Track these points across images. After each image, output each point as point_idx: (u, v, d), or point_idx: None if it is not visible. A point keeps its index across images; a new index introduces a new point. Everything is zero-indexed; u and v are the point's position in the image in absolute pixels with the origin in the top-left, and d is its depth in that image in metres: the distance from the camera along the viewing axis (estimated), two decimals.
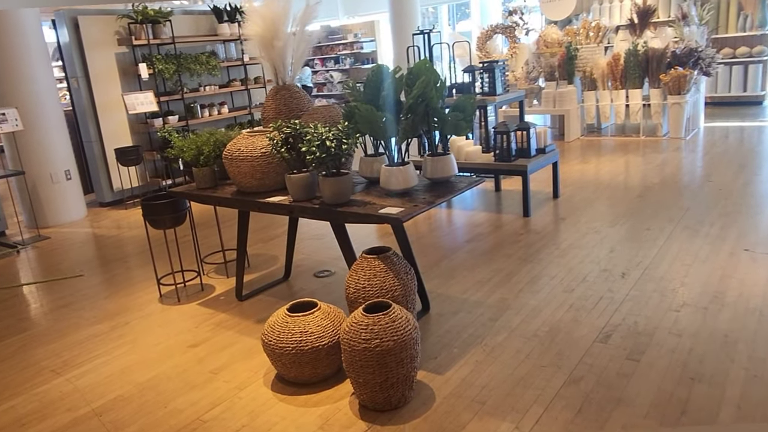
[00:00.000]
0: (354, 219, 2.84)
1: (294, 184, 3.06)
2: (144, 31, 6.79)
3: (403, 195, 3.02)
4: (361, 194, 3.13)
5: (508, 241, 4.55)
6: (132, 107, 6.54)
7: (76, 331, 3.68)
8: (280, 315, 2.83)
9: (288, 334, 2.74)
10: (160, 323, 3.69)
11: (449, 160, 3.13)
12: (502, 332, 3.15)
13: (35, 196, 6.26)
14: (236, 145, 3.36)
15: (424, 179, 3.23)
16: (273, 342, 2.76)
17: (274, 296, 3.95)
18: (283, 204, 3.11)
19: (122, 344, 3.45)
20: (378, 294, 2.77)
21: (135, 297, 4.16)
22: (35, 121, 6.13)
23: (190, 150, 3.63)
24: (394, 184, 3.00)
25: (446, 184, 3.15)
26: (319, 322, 2.77)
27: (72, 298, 4.27)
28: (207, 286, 4.25)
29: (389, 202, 2.92)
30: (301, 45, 3.54)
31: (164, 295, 4.13)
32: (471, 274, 3.97)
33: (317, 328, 2.75)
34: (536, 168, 5.18)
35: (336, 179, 2.89)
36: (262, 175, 3.31)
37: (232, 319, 3.64)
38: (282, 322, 2.79)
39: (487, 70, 5.84)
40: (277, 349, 2.73)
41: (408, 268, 2.88)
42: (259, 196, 3.32)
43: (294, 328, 2.75)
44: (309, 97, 3.72)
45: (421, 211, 2.76)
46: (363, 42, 14.55)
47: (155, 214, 3.86)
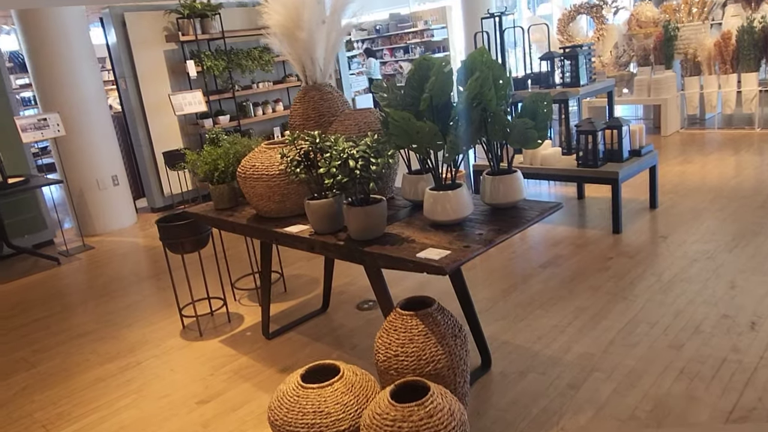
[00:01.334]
0: (384, 263, 2.16)
1: (314, 213, 2.41)
2: (191, 26, 6.37)
3: (453, 227, 2.30)
4: (400, 225, 2.43)
5: (594, 268, 3.70)
6: (179, 108, 6.15)
7: (84, 372, 3.23)
8: (292, 384, 2.20)
9: (298, 413, 2.10)
10: (174, 366, 3.17)
11: (515, 181, 2.37)
12: (586, 409, 2.37)
13: (82, 203, 6.01)
14: (250, 161, 2.75)
15: (483, 204, 2.49)
16: (280, 422, 2.13)
17: (307, 334, 3.34)
18: (302, 237, 2.47)
19: (126, 393, 2.95)
20: (415, 366, 2.07)
21: (157, 327, 3.69)
22: (81, 125, 5.85)
23: (204, 165, 3.07)
24: (441, 213, 2.28)
25: (512, 211, 2.40)
26: (340, 398, 2.11)
27: (94, 324, 3.86)
28: (235, 316, 3.71)
29: (433, 239, 2.21)
30: (332, 35, 2.88)
31: (187, 327, 3.63)
32: (546, 315, 3.18)
33: (336, 407, 2.09)
34: (629, 175, 4.27)
35: (363, 210, 2.22)
36: (281, 198, 2.69)
37: (253, 366, 3.06)
38: (293, 395, 2.15)
39: (568, 57, 4.95)
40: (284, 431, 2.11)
41: (458, 329, 2.16)
42: (279, 222, 2.70)
43: (307, 404, 2.11)
44: (344, 99, 3.06)
45: (473, 255, 2.03)
46: (434, 29, 13.75)
47: (173, 238, 3.35)
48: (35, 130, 5.30)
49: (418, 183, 2.59)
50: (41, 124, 5.33)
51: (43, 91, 5.80)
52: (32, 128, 5.28)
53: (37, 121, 5.31)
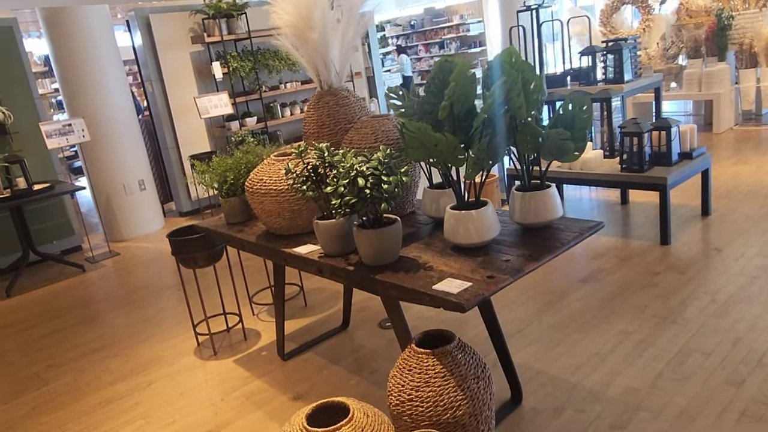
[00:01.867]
0: (398, 293, 1.91)
1: (322, 233, 2.18)
2: (217, 26, 6.23)
3: (477, 251, 2.04)
4: (419, 246, 2.18)
5: (640, 284, 3.37)
6: (204, 111, 6.02)
7: (94, 392, 3.10)
8: (296, 427, 1.98)
9: None
10: (185, 388, 3.00)
11: (549, 198, 2.09)
12: None
13: (109, 208, 5.96)
14: (258, 174, 2.54)
15: (513, 224, 2.22)
16: None
17: (325, 355, 3.12)
18: (310, 259, 2.25)
19: (133, 419, 2.79)
20: (431, 413, 1.82)
21: (171, 344, 3.54)
22: (107, 130, 5.79)
23: (213, 177, 2.88)
24: (463, 236, 2.02)
25: (545, 232, 2.12)
26: None
27: (110, 338, 3.74)
28: (252, 333, 3.52)
29: (453, 265, 1.95)
30: (348, 34, 2.64)
31: (202, 344, 3.47)
32: (585, 339, 2.88)
33: None
34: (679, 180, 3.90)
35: (374, 233, 1.98)
36: (291, 215, 2.48)
37: (266, 392, 2.86)
38: None
39: (611, 51, 4.59)
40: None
41: (482, 369, 1.90)
42: (290, 241, 2.49)
43: None
44: (363, 104, 2.82)
45: (497, 288, 1.77)
46: (470, 24, 13.37)
47: (184, 252, 3.18)
48: (60, 135, 5.24)
49: (440, 198, 2.34)
50: (66, 130, 5.27)
51: (69, 95, 5.76)
52: (57, 134, 5.23)
53: (61, 127, 5.26)
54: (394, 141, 2.45)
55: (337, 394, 2.74)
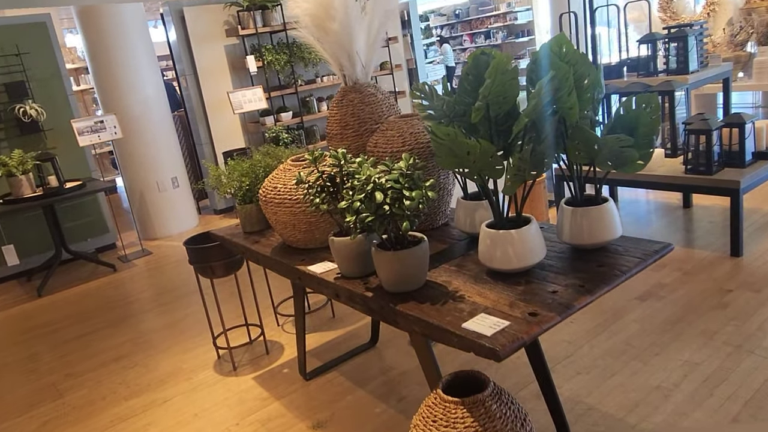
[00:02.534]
0: (421, 329, 1.62)
1: (338, 252, 1.91)
2: (252, 19, 6.03)
3: (517, 278, 1.72)
4: (450, 268, 1.88)
5: (708, 304, 2.96)
6: (238, 106, 5.84)
7: (108, 407, 2.93)
8: None
9: None
10: (200, 408, 2.80)
11: (606, 216, 1.75)
12: None
13: (143, 206, 5.87)
14: (272, 181, 2.28)
15: (560, 243, 1.89)
16: None
17: (350, 376, 2.86)
18: (326, 280, 1.98)
19: None
20: None
21: (192, 355, 3.35)
22: (140, 126, 5.68)
23: (229, 183, 2.64)
24: (500, 260, 1.71)
25: (600, 255, 1.78)
26: None
27: (132, 346, 3.58)
28: (275, 346, 3.30)
29: (489, 296, 1.64)
30: (374, 24, 2.34)
31: (222, 358, 3.26)
32: (644, 370, 2.52)
33: None
34: (754, 184, 3.45)
35: (395, 256, 1.69)
36: (308, 227, 2.21)
37: (284, 416, 2.62)
38: None
39: (675, 39, 4.13)
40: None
41: (521, 422, 1.59)
42: (307, 256, 2.23)
43: None
44: (391, 102, 2.53)
45: (542, 331, 1.45)
46: (517, 12, 12.83)
47: (202, 261, 2.97)
48: (92, 132, 5.15)
49: (475, 212, 2.02)
50: (98, 127, 5.18)
51: (103, 92, 5.68)
52: (89, 131, 5.14)
53: (93, 124, 5.16)
54: (424, 145, 2.15)
55: (360, 423, 2.47)
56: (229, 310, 3.75)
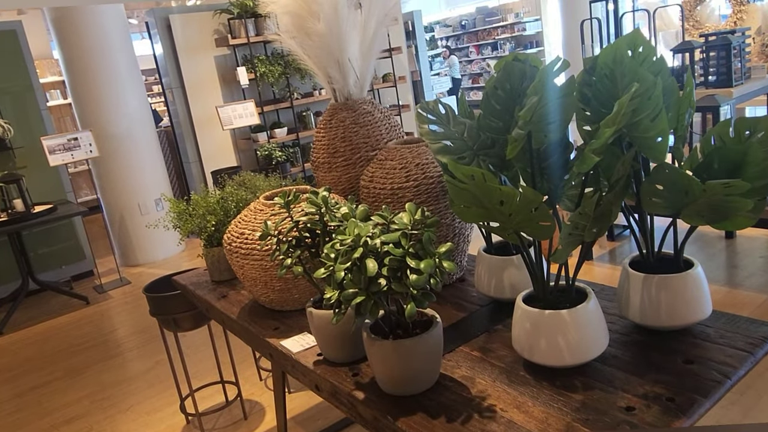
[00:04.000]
0: None
1: (319, 330, 1.40)
2: (243, 27, 5.58)
3: (569, 377, 1.21)
4: (469, 355, 1.37)
5: None
6: (228, 121, 5.37)
7: None
8: None
9: None
10: None
11: (693, 285, 1.24)
12: None
13: (123, 230, 5.38)
14: (239, 226, 1.78)
15: (624, 320, 1.38)
16: None
17: None
18: (302, 365, 1.47)
19: None
20: None
21: (158, 417, 2.84)
22: (121, 144, 5.21)
23: (191, 221, 2.14)
24: (546, 354, 1.20)
25: (683, 341, 1.27)
26: None
27: (89, 404, 3.07)
28: (255, 408, 2.78)
29: (531, 410, 1.13)
30: (371, 24, 1.86)
31: (192, 423, 2.74)
32: None
33: None
34: None
35: (393, 347, 1.18)
36: (283, 284, 1.71)
37: None
38: None
39: (715, 47, 3.64)
40: None
41: None
42: (284, 321, 1.72)
43: None
44: (393, 121, 2.03)
45: None
46: (526, 22, 12.40)
47: (163, 312, 2.46)
48: (65, 151, 4.68)
49: (503, 271, 1.52)
50: (71, 145, 4.70)
51: (81, 107, 5.22)
52: (61, 149, 4.67)
53: (66, 142, 4.69)
54: (434, 180, 1.65)
55: None
56: (203, 361, 3.25)
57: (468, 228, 1.79)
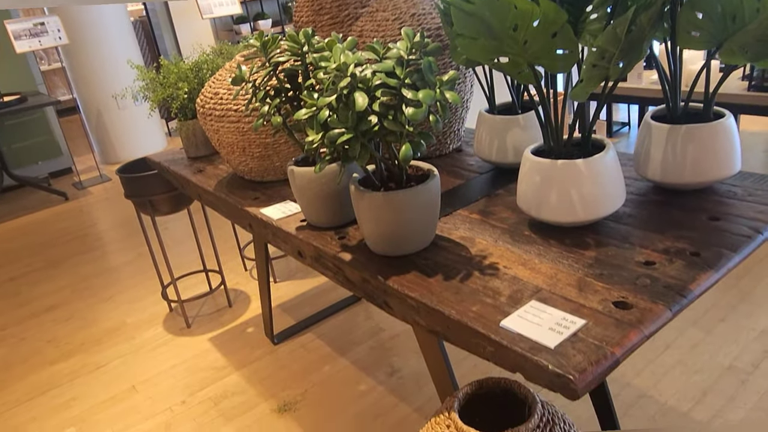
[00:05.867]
0: (428, 322, 0.99)
1: (301, 190, 1.26)
2: None
3: (582, 235, 1.08)
4: (468, 217, 1.24)
5: None
6: (207, 10, 5.00)
7: (28, 373, 2.36)
8: None
9: None
10: (140, 378, 2.23)
11: (724, 136, 1.10)
12: None
13: (101, 126, 5.13)
14: (213, 86, 1.59)
15: (640, 181, 1.25)
16: None
17: (329, 339, 2.29)
18: (284, 231, 1.34)
19: (62, 424, 2.04)
20: None
21: (139, 306, 2.76)
22: (91, 32, 4.84)
23: (162, 90, 1.94)
24: (556, 209, 1.07)
25: (707, 200, 1.14)
26: None
27: (69, 293, 2.99)
28: (240, 297, 2.71)
29: (539, 266, 1.01)
30: None
31: (175, 311, 2.67)
32: (708, 341, 1.95)
33: None
34: None
35: (388, 199, 1.04)
36: (263, 150, 1.55)
37: (243, 393, 2.06)
38: None
39: None
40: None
41: None
42: (264, 191, 1.58)
43: None
44: None
45: (645, 336, 0.83)
46: None
47: (139, 194, 2.31)
48: (31, 37, 4.34)
49: (507, 132, 1.36)
50: (38, 30, 4.36)
51: None
52: (27, 35, 4.33)
53: (32, 26, 4.34)
54: (432, 32, 1.46)
55: (339, 406, 1.91)
56: (185, 254, 3.15)
57: (467, 91, 1.61)
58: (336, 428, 1.83)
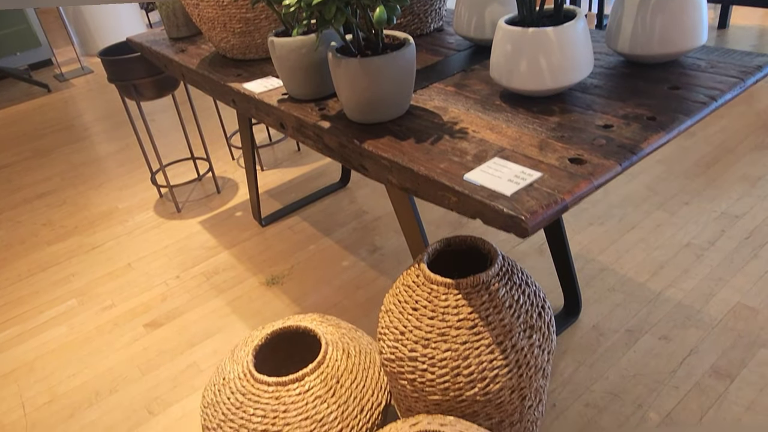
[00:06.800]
0: (400, 180, 1.07)
1: (281, 60, 1.29)
2: None
3: (548, 104, 1.14)
4: (444, 90, 1.29)
5: (750, 143, 2.46)
6: None
7: (26, 253, 2.47)
8: (239, 370, 1.29)
9: (240, 425, 1.22)
10: (134, 257, 2.34)
11: (691, 10, 1.13)
12: (735, 413, 1.38)
13: (78, 15, 4.95)
14: None
15: (610, 56, 1.29)
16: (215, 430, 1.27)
17: (315, 221, 2.39)
18: (266, 104, 1.38)
19: (63, 297, 2.17)
20: (447, 385, 1.08)
21: (130, 192, 2.83)
22: None
23: None
24: (526, 78, 1.12)
25: (671, 71, 1.19)
26: (310, 407, 1.21)
27: (60, 180, 3.04)
28: (228, 184, 2.78)
29: (506, 130, 1.08)
30: None
31: (165, 197, 2.75)
32: (671, 222, 2.07)
33: (302, 423, 1.19)
34: None
35: (361, 65, 1.08)
36: (243, 26, 1.56)
37: (233, 269, 2.18)
38: (236, 391, 1.26)
39: None
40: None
41: (538, 312, 1.12)
42: (247, 69, 1.60)
43: (256, 411, 1.22)
44: None
45: (594, 186, 0.91)
46: None
47: (122, 77, 2.31)
48: None
49: (486, 7, 1.38)
50: None
51: None
52: None
53: None
54: None
55: (324, 278, 2.04)
56: (173, 143, 3.18)
57: None
58: (320, 297, 1.97)
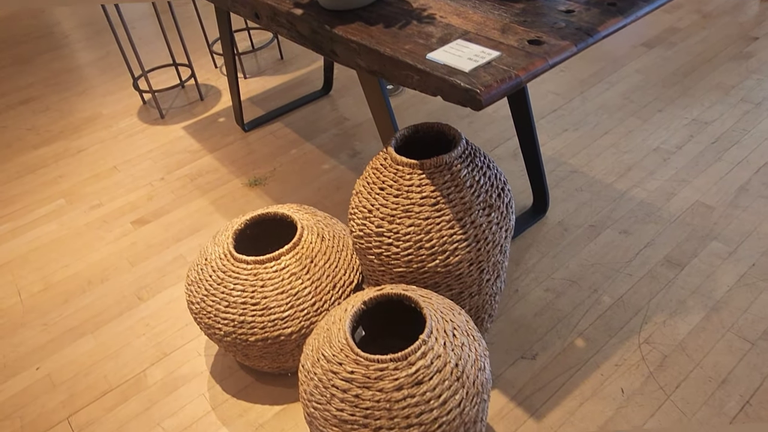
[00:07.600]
0: (368, 63, 1.11)
1: None
2: None
3: None
4: None
5: (727, 54, 2.48)
6: None
7: (14, 156, 2.51)
8: (220, 251, 1.38)
9: (222, 300, 1.32)
10: (119, 160, 2.39)
11: None
12: (691, 310, 1.50)
13: None
14: None
15: None
16: (198, 307, 1.37)
17: (296, 127, 2.43)
18: None
19: (53, 196, 2.23)
20: (410, 258, 1.17)
21: (113, 99, 2.84)
22: None
23: None
24: None
25: None
26: (286, 284, 1.30)
27: (43, 87, 3.03)
28: (211, 91, 2.79)
29: (471, 16, 1.12)
30: None
31: (148, 103, 2.76)
32: (643, 128, 2.13)
33: (279, 297, 1.30)
34: None
35: None
36: None
37: (216, 171, 2.24)
38: (217, 270, 1.35)
39: None
40: (204, 324, 1.36)
41: (497, 192, 1.20)
42: None
43: (235, 288, 1.32)
44: None
45: (548, 65, 0.96)
46: None
47: None
48: None
49: None
50: None
51: None
52: None
53: None
54: None
55: (304, 180, 2.11)
56: (155, 51, 3.15)
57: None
58: (302, 196, 2.04)
